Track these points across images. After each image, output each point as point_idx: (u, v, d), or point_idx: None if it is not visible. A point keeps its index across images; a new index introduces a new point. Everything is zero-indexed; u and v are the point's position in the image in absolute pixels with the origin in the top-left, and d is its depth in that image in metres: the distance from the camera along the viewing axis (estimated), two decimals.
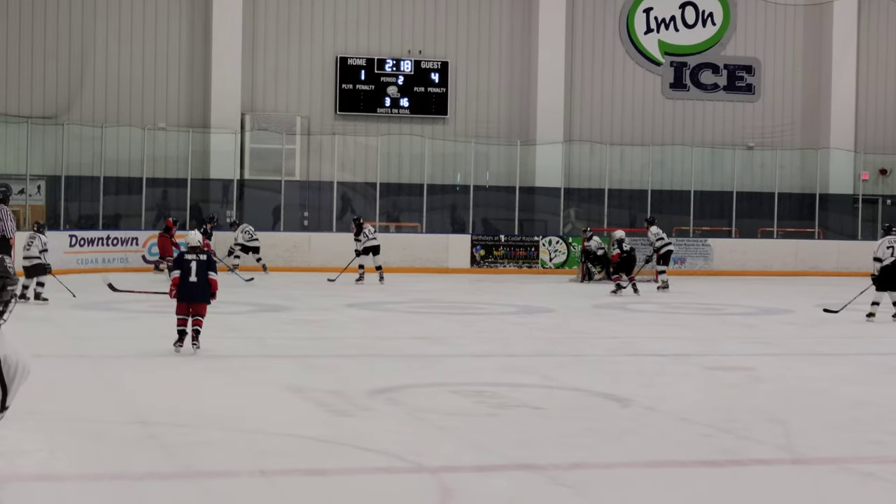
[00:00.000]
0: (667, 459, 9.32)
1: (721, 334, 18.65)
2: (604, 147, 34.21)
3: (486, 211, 33.47)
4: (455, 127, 33.78)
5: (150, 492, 8.04)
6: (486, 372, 13.72)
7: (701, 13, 35.51)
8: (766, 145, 35.40)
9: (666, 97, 35.43)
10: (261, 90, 32.91)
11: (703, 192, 34.33)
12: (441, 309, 21.51)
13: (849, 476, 8.92)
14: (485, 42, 34.17)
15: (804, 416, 11.11)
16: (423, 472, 8.54)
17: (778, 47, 35.89)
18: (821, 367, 14.97)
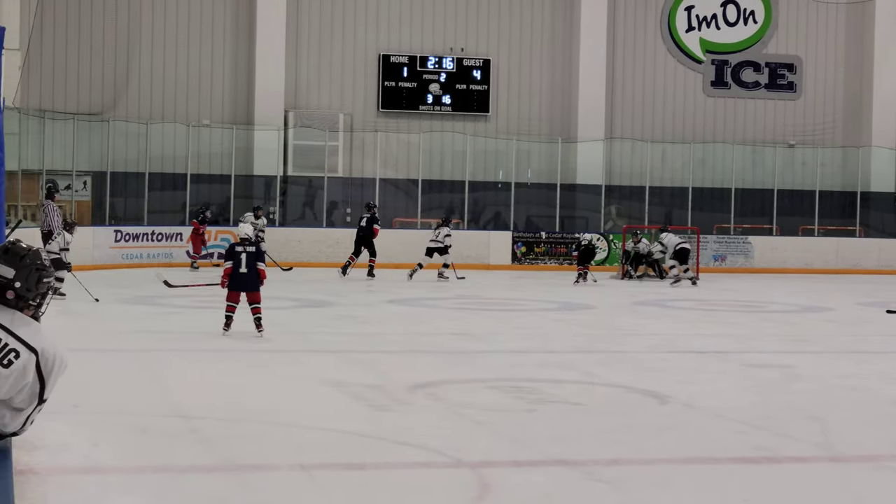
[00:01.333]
0: (703, 456, 9.32)
1: (760, 332, 18.54)
2: (645, 144, 34.13)
3: (527, 208, 33.46)
4: (497, 124, 33.77)
5: (191, 485, 8.08)
6: (525, 368, 13.71)
7: (742, 11, 35.36)
8: (807, 143, 35.22)
9: (707, 95, 35.32)
10: (304, 87, 32.95)
11: (743, 190, 34.22)
12: (481, 305, 21.50)
13: (887, 474, 8.90)
14: (526, 40, 34.14)
15: (842, 414, 11.07)
16: (463, 468, 8.56)
17: (820, 45, 35.69)
18: (861, 365, 14.89)
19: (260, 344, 15.41)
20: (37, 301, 4.36)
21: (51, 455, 8.03)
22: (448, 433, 9.74)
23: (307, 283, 24.53)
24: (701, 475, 8.76)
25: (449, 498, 7.78)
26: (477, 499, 7.78)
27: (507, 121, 33.82)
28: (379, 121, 33.22)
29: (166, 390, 11.70)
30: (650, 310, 21.42)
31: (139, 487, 7.98)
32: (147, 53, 31.80)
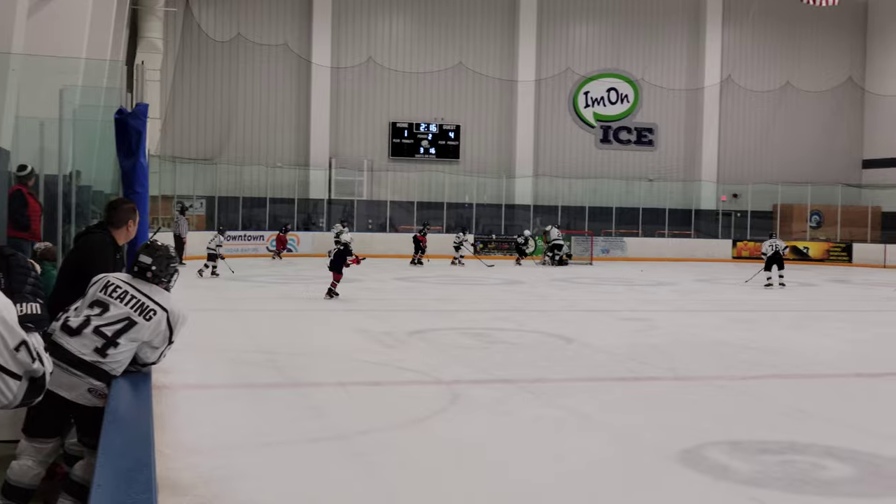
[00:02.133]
0: (595, 376, 9.40)
1: (631, 297, 18.62)
2: (558, 179, 34.26)
3: (484, 219, 33.50)
4: (465, 166, 33.83)
5: (269, 396, 8.13)
6: (482, 321, 13.77)
7: (620, 94, 35.44)
8: (661, 179, 35.33)
9: (598, 148, 35.39)
10: (342, 141, 32.99)
11: (620, 209, 34.31)
12: (455, 281, 21.56)
13: (713, 388, 8.96)
14: (485, 113, 34.22)
15: (683, 350, 11.15)
16: (441, 384, 8.63)
17: (669, 116, 35.82)
18: (695, 319, 15.00)
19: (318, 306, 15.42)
20: (167, 279, 4.39)
21: (176, 377, 8.06)
22: (432, 362, 9.81)
23: None
24: (593, 388, 8.83)
25: (433, 402, 7.85)
26: (450, 403, 7.83)
27: (471, 164, 33.87)
28: (389, 164, 33.25)
29: (251, 335, 11.71)
30: (561, 284, 21.49)
31: (235, 398, 8.03)
32: (241, 118, 31.85)
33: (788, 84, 36.28)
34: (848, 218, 34.72)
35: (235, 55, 31.71)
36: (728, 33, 35.79)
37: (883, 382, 9.55)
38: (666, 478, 5.87)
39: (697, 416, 7.55)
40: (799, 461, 6.19)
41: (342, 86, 32.91)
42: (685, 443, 6.54)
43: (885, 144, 36.28)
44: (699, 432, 6.90)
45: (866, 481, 5.83)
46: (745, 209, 35.25)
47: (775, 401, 8.32)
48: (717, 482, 5.71)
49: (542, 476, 5.84)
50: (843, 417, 7.64)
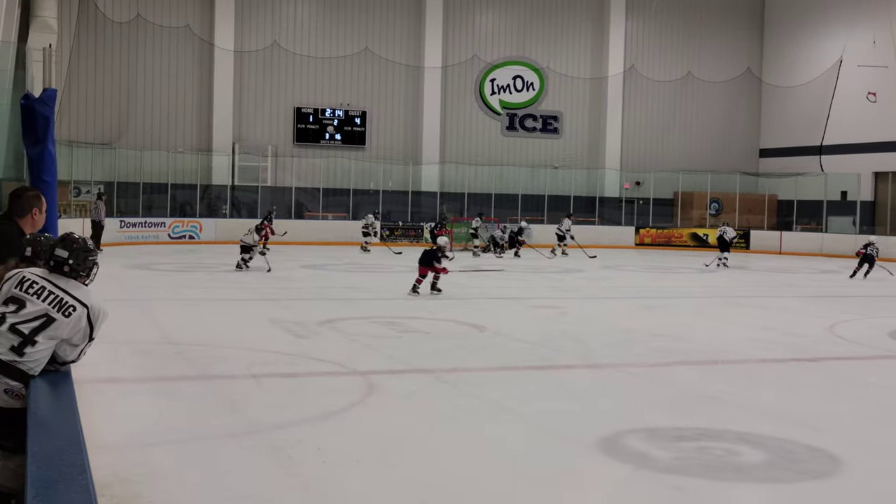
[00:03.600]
0: (508, 365, 9.44)
1: (540, 285, 18.80)
2: (464, 166, 34.33)
3: (390, 206, 33.37)
4: (371, 152, 33.63)
5: (179, 389, 7.96)
6: (394, 309, 13.73)
7: (526, 82, 35.68)
8: (566, 166, 35.72)
9: (503, 135, 35.57)
10: (245, 126, 32.45)
11: (526, 196, 34.57)
12: (363, 269, 21.43)
13: (622, 374, 9.10)
14: (391, 99, 34.04)
15: (595, 337, 11.29)
16: (356, 375, 8.56)
17: (574, 105, 36.20)
18: (604, 306, 15.22)
19: (225, 295, 15.16)
20: (85, 273, 4.23)
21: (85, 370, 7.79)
22: (345, 352, 9.74)
23: None
24: (507, 376, 8.87)
25: (350, 394, 7.78)
26: (366, 394, 7.78)
27: (377, 150, 33.68)
28: (294, 150, 32.83)
29: (159, 326, 11.45)
30: (470, 272, 21.53)
31: (147, 392, 7.84)
32: (140, 103, 31.05)
33: (689, 74, 37.05)
34: (746, 205, 35.67)
35: (135, 37, 30.87)
36: (631, 24, 36.34)
37: (789, 368, 9.82)
38: (587, 466, 5.93)
39: (613, 404, 7.66)
40: (714, 448, 6.32)
41: (246, 70, 32.38)
42: (603, 431, 6.62)
43: (780, 134, 37.38)
44: (616, 420, 7.00)
45: (779, 466, 5.99)
46: (647, 197, 35.89)
47: (687, 387, 8.49)
48: (638, 470, 5.79)
49: (463, 466, 5.85)
50: (754, 403, 7.84)
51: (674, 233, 34.22)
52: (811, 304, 16.49)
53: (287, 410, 7.13)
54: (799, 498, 5.48)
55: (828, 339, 11.78)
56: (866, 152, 33.22)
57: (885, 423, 7.35)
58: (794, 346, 11.13)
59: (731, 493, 5.49)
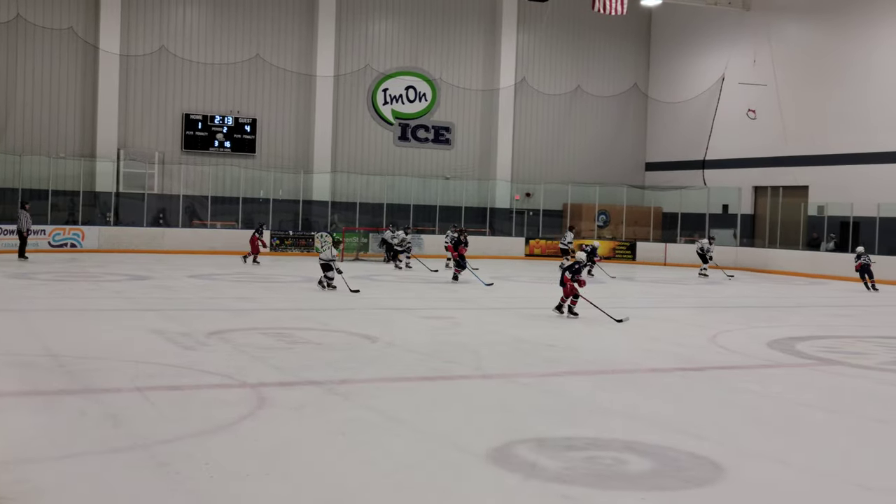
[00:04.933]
0: (402, 376, 9.44)
1: (432, 296, 18.86)
2: (356, 176, 34.25)
3: (280, 215, 33.04)
4: (261, 161, 33.28)
5: (61, 403, 7.71)
6: (284, 320, 13.60)
7: (418, 92, 35.83)
8: (458, 177, 35.98)
9: (396, 145, 35.63)
10: (132, 132, 31.75)
11: (417, 206, 34.66)
12: (254, 279, 21.13)
13: (513, 384, 9.20)
14: (282, 107, 33.77)
15: (487, 347, 11.37)
16: (246, 387, 8.46)
17: (466, 116, 36.53)
18: (497, 317, 15.33)
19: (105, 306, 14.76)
20: None
21: None
22: (235, 364, 9.60)
23: (133, 264, 23.60)
24: (400, 388, 8.86)
25: (239, 407, 7.67)
26: (256, 407, 7.69)
27: (268, 158, 33.35)
28: (183, 157, 32.25)
29: (37, 337, 11.08)
30: (363, 282, 21.44)
31: (25, 406, 7.59)
32: (21, 105, 30.10)
33: (579, 88, 37.77)
34: (632, 217, 36.51)
35: (14, 38, 29.88)
36: (523, 37, 36.87)
37: (674, 377, 10.08)
38: (477, 477, 5.97)
39: (505, 414, 7.73)
40: (602, 457, 6.45)
41: (132, 75, 31.66)
42: (494, 441, 6.68)
43: (665, 148, 38.44)
44: (507, 430, 7.07)
45: (665, 474, 6.14)
46: (537, 208, 36.41)
47: (577, 397, 8.63)
48: (527, 480, 5.86)
49: (354, 479, 5.83)
50: (641, 412, 8.02)
51: None
52: (695, 314, 16.97)
53: (174, 424, 6.98)
54: None
55: (711, 349, 12.14)
56: (747, 167, 34.41)
57: (765, 431, 7.60)
58: (679, 355, 11.43)
59: (618, 501, 5.60)
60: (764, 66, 33.73)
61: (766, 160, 33.70)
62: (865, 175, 29.97)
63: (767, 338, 13.25)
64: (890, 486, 6.07)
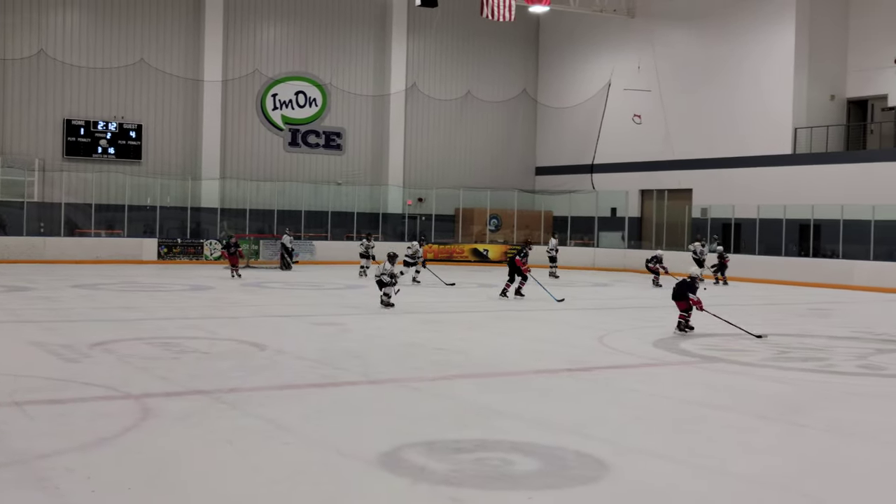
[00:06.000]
0: (289, 383, 9.37)
1: (322, 302, 18.77)
2: (246, 182, 33.88)
3: (169, 222, 32.43)
4: (147, 167, 32.62)
5: None
6: (171, 329, 13.36)
7: (309, 98, 35.63)
8: (349, 183, 35.90)
9: (286, 151, 35.38)
10: (10, 138, 30.78)
11: (309, 212, 34.43)
12: (138, 288, 20.68)
13: (403, 389, 9.22)
14: (168, 112, 33.17)
15: (376, 353, 11.38)
16: (130, 399, 8.29)
17: (357, 121, 36.50)
18: (386, 321, 15.30)
19: None
20: None
21: None
22: (119, 375, 9.41)
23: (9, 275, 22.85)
24: (288, 396, 8.81)
25: (123, 419, 7.51)
26: (141, 419, 7.53)
27: (154, 165, 32.74)
28: (64, 163, 31.40)
29: None
30: (252, 289, 21.24)
31: None
32: None
33: (469, 94, 38.11)
34: (523, 221, 37.01)
35: None
36: (413, 42, 37.01)
37: (561, 378, 10.25)
38: (366, 483, 5.98)
39: (393, 419, 7.74)
40: (490, 458, 6.52)
41: (10, 79, 30.68)
42: (383, 446, 6.69)
43: (555, 153, 39.08)
44: (396, 435, 7.09)
45: (551, 473, 6.24)
46: (429, 213, 36.57)
47: (465, 400, 8.70)
48: (415, 484, 5.89)
49: (240, 488, 5.77)
50: (528, 413, 8.13)
51: (455, 248, 35.02)
52: (584, 316, 17.27)
53: (54, 438, 6.79)
54: (569, 502, 5.73)
55: (598, 350, 12.39)
56: (633, 171, 35.23)
57: (649, 428, 7.80)
58: (567, 357, 11.63)
59: (506, 501, 5.67)
60: (648, 71, 34.60)
61: (651, 164, 34.56)
62: (745, 178, 31.03)
63: (653, 337, 13.60)
64: (769, 478, 6.30)
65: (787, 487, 6.11)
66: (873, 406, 9.04)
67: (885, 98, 30.07)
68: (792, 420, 8.26)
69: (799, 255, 28.69)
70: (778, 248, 28.77)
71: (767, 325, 16.17)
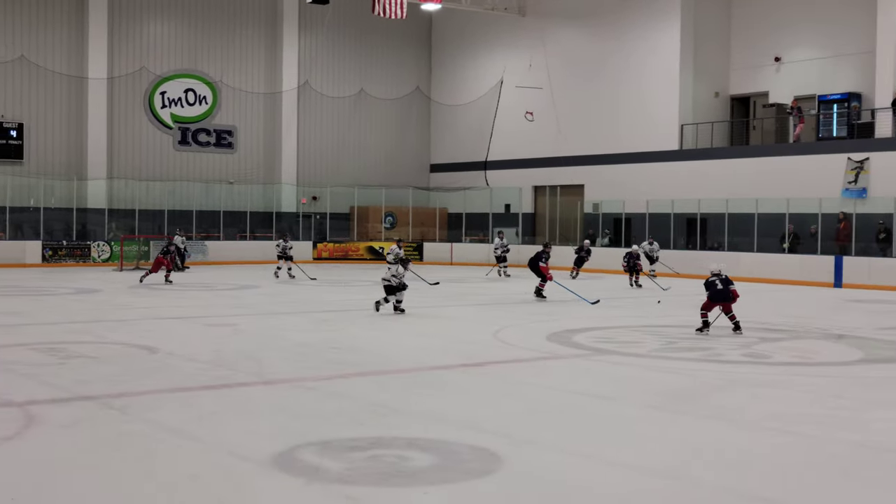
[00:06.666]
0: (181, 386, 9.22)
1: (215, 303, 18.50)
2: (135, 182, 33.14)
3: (53, 224, 31.49)
4: (30, 167, 31.59)
5: None
6: (56, 334, 12.98)
7: (198, 95, 35.03)
8: (242, 182, 35.43)
9: (176, 150, 34.71)
10: None
11: (201, 212, 33.86)
12: (21, 292, 20.03)
13: (298, 389, 9.17)
14: (52, 110, 32.20)
15: (271, 354, 11.28)
16: (13, 406, 8.05)
17: (249, 119, 36.05)
18: (280, 321, 15.17)
19: None
20: None
21: None
22: (1, 383, 9.09)
23: None
24: (182, 399, 8.66)
25: (3, 428, 7.28)
26: (24, 427, 7.35)
27: (37, 165, 31.72)
28: None
29: None
30: (141, 291, 20.77)
31: None
32: None
33: (362, 91, 38.00)
34: (419, 219, 37.10)
35: None
36: (305, 40, 36.72)
37: (456, 373, 10.32)
38: (259, 484, 5.93)
39: (288, 419, 7.69)
40: (386, 455, 6.54)
41: None
42: (277, 447, 6.65)
43: (449, 150, 39.28)
44: (291, 435, 7.04)
45: (446, 468, 6.29)
46: (324, 211, 36.35)
47: (360, 398, 8.69)
48: (310, 483, 5.86)
49: (130, 494, 5.66)
50: (424, 409, 8.18)
51: (351, 246, 34.91)
52: (479, 311, 17.42)
53: None
54: (464, 496, 5.78)
55: (493, 345, 12.52)
56: (526, 168, 35.67)
57: (543, 420, 7.93)
58: (462, 352, 11.73)
59: (401, 497, 5.69)
60: (539, 69, 35.07)
61: (544, 160, 35.05)
62: (635, 173, 31.74)
63: (547, 331, 13.80)
64: (656, 467, 6.47)
65: (674, 475, 6.29)
66: (757, 394, 9.36)
67: (766, 95, 31.11)
68: (678, 409, 8.49)
69: (687, 247, 29.48)
70: (667, 242, 29.49)
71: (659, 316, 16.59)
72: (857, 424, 7.94)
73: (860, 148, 26.84)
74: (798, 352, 12.42)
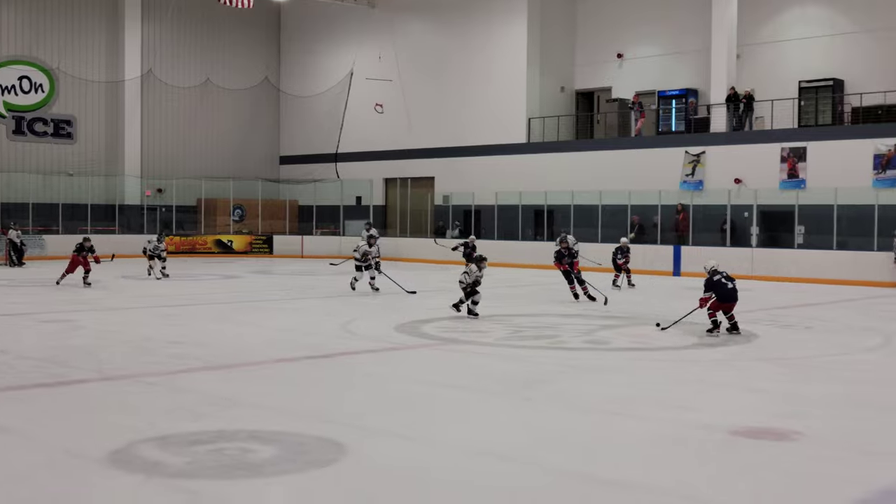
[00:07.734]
0: (13, 385, 8.90)
1: (53, 299, 17.74)
2: None
3: None
4: None
5: None
6: None
7: (34, 83, 33.62)
8: (82, 173, 34.20)
9: (10, 140, 33.24)
10: None
11: (38, 204, 32.48)
12: None
13: (138, 384, 8.92)
14: None
15: (110, 349, 10.97)
16: None
17: (90, 109, 34.82)
18: (122, 317, 14.72)
19: None
20: None
21: None
22: None
23: None
24: (12, 398, 8.35)
25: None
26: None
27: None
28: None
29: None
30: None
31: None
32: None
33: (209, 81, 37.23)
34: (269, 211, 36.64)
35: None
36: (148, 27, 35.72)
37: (303, 366, 10.28)
38: (95, 482, 5.77)
39: (127, 415, 7.50)
40: (228, 448, 6.46)
41: None
42: (115, 444, 6.48)
43: (299, 142, 38.95)
44: (129, 431, 6.87)
45: (291, 459, 6.27)
46: (170, 204, 35.47)
47: (204, 392, 8.55)
48: (149, 479, 5.75)
49: None
50: (268, 402, 8.12)
51: (198, 240, 34.19)
52: (329, 304, 17.36)
53: None
54: (307, 485, 5.78)
55: (342, 336, 12.52)
56: (377, 160, 35.73)
57: (389, 409, 7.99)
58: (309, 345, 11.68)
59: (243, 489, 5.65)
60: (389, 62, 35.15)
61: (395, 153, 35.18)
62: (484, 166, 32.22)
63: (396, 322, 13.89)
64: (503, 452, 6.61)
65: (519, 459, 6.44)
66: (596, 379, 9.68)
67: (609, 90, 32.08)
68: (521, 395, 8.70)
69: (535, 239, 30.12)
70: (515, 233, 30.06)
71: (505, 306, 16.91)
72: (695, 405, 8.31)
73: (697, 142, 28.01)
74: (637, 337, 12.89)
